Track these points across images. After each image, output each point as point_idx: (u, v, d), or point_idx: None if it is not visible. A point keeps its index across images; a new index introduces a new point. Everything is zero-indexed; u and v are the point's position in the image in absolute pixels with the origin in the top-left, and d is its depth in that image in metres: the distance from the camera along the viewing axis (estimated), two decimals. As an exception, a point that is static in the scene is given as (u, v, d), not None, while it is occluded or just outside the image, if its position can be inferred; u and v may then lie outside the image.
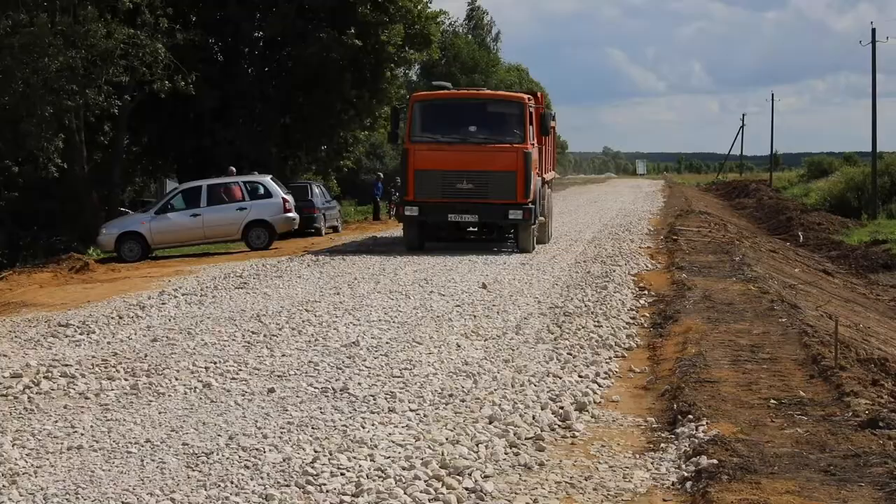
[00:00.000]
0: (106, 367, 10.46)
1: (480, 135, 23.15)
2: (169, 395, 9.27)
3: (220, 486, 6.73)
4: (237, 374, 10.12)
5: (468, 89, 29.32)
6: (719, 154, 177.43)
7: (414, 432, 7.96)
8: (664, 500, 6.63)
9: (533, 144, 23.55)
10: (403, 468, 7.03)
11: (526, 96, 24.29)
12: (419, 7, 39.57)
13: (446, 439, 7.74)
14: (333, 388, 9.42)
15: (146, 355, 11.09)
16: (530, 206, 22.88)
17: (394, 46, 38.15)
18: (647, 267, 19.64)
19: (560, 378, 9.95)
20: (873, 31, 52.37)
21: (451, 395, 9.23)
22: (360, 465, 7.07)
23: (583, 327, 12.81)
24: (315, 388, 9.51)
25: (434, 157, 22.99)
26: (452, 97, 24.86)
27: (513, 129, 23.18)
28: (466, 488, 6.66)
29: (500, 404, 8.87)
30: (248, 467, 7.10)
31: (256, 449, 7.50)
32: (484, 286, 16.64)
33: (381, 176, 46.05)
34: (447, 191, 22.92)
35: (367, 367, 10.38)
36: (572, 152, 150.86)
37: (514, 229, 23.90)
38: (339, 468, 7.02)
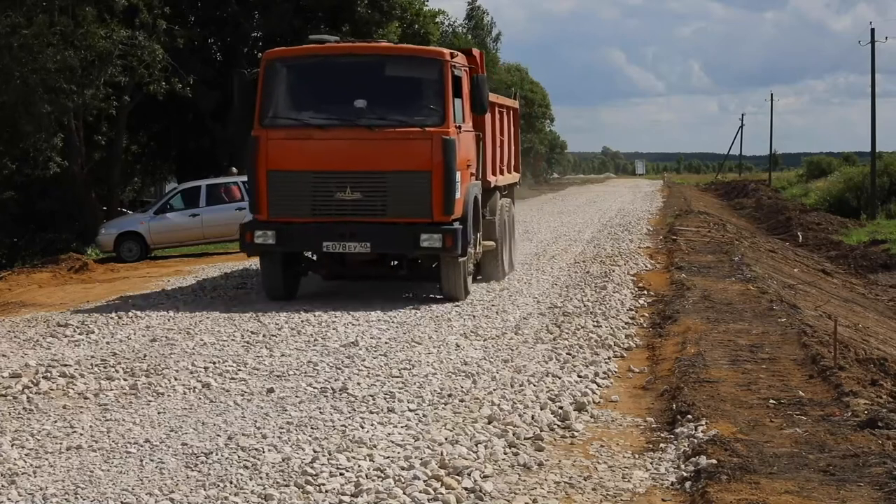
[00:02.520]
0: (105, 367, 10.46)
1: (373, 113, 14.64)
2: (168, 396, 9.27)
3: (219, 486, 6.72)
4: (236, 374, 10.11)
5: (355, 41, 17.51)
6: (718, 154, 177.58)
7: (413, 432, 7.96)
8: (663, 500, 6.63)
9: (460, 128, 14.89)
10: (402, 468, 7.03)
11: (447, 52, 15.37)
12: (417, 5, 39.57)
13: (445, 439, 7.74)
14: (332, 388, 9.42)
15: (145, 355, 11.09)
16: (456, 226, 14.44)
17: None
18: (646, 267, 19.64)
19: (559, 378, 9.95)
20: (872, 31, 52.45)
21: (450, 395, 9.23)
22: (359, 465, 7.07)
23: (582, 327, 12.81)
24: (314, 388, 9.50)
25: (298, 151, 14.67)
26: (329, 54, 15.34)
27: (426, 103, 14.72)
28: (465, 488, 6.66)
29: (499, 404, 8.87)
30: (247, 467, 7.10)
31: (256, 449, 7.49)
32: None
33: None
34: (321, 204, 14.58)
35: (366, 367, 10.38)
36: (571, 152, 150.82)
37: (436, 263, 15.24)
38: (338, 468, 7.02)
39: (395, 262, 15.65)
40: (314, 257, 15.89)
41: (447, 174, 14.35)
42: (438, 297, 15.27)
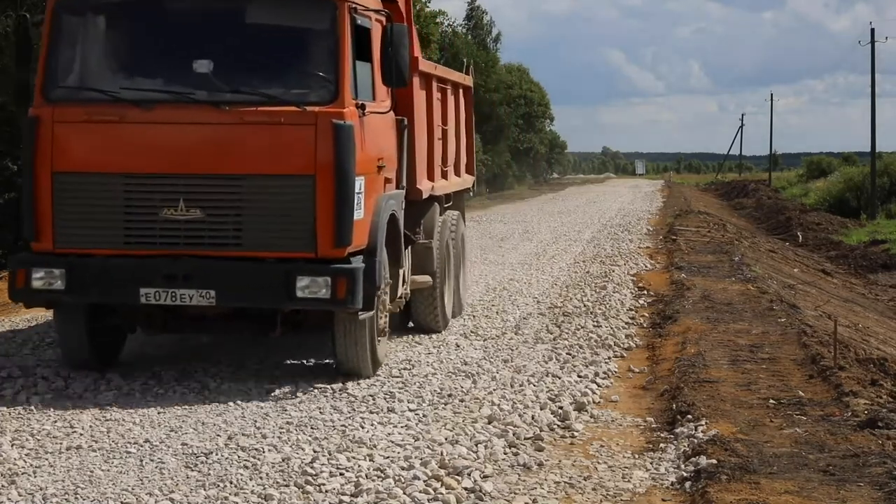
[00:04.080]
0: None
1: (223, 82, 9.39)
2: (168, 395, 9.26)
3: (219, 486, 6.72)
4: (236, 373, 10.10)
5: None
6: (718, 154, 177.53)
7: (413, 432, 7.97)
8: (663, 500, 6.63)
9: (364, 108, 9.51)
10: (402, 468, 7.03)
11: None
12: (418, 7, 39.59)
13: (445, 439, 7.74)
14: (332, 388, 9.41)
15: (145, 355, 11.07)
16: (355, 265, 9.26)
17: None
18: (646, 267, 19.64)
19: (559, 378, 9.95)
20: (872, 31, 52.45)
21: (450, 395, 9.23)
22: (359, 465, 7.07)
23: (582, 327, 12.82)
24: (314, 387, 9.50)
25: (103, 142, 9.43)
26: None
27: (308, 67, 9.51)
28: (465, 488, 6.66)
29: (499, 404, 8.88)
30: (247, 467, 7.10)
31: (255, 449, 7.49)
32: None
33: None
34: (137, 228, 9.39)
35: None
36: (571, 152, 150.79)
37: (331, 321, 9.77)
38: (338, 468, 7.02)
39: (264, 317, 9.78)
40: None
41: (341, 181, 8.94)
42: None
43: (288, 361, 10.69)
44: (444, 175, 13.15)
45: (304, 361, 10.65)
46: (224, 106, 9.17)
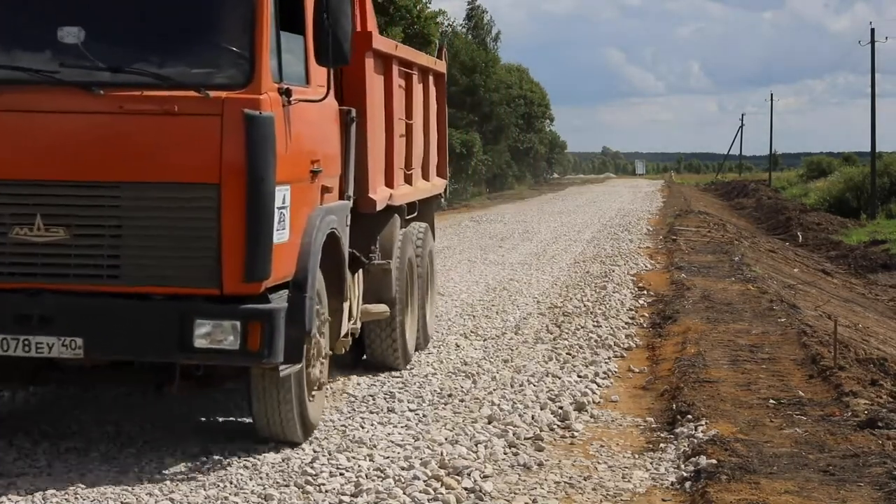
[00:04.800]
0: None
1: (97, 58, 6.93)
2: (168, 395, 9.24)
3: (219, 486, 6.72)
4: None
5: None
6: (718, 154, 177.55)
7: (413, 432, 7.97)
8: (663, 500, 6.63)
9: (290, 94, 7.07)
10: (402, 468, 7.03)
11: None
12: (419, 7, 39.58)
13: (445, 439, 7.75)
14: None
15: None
16: (274, 305, 6.92)
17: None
18: (646, 267, 19.65)
19: (559, 378, 9.95)
20: (872, 31, 52.43)
21: (450, 395, 9.24)
22: (359, 466, 7.08)
23: (582, 327, 12.82)
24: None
25: None
26: None
27: (212, 39, 7.10)
28: (465, 488, 6.66)
29: (499, 404, 8.88)
30: (247, 467, 7.09)
31: (255, 449, 7.48)
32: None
33: None
34: None
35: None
36: (571, 152, 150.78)
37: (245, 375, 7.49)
38: (338, 468, 7.02)
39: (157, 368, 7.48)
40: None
41: (256, 191, 6.68)
42: (441, 293, 14.66)
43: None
44: (408, 180, 10.77)
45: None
46: (97, 89, 6.76)
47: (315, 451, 7.43)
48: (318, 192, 7.68)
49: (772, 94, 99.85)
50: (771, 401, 8.67)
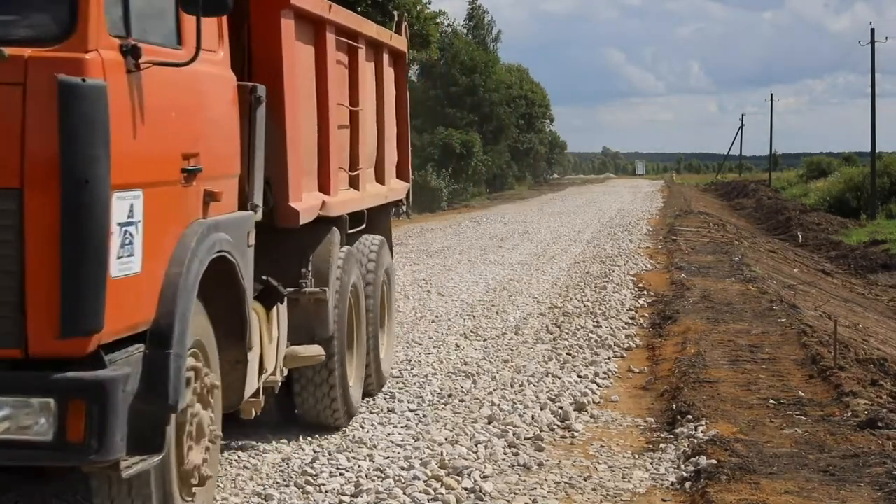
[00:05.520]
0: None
1: None
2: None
3: (218, 486, 6.72)
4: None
5: None
6: (718, 154, 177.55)
7: (413, 432, 7.97)
8: (663, 501, 6.63)
9: (135, 52, 4.66)
10: (402, 468, 7.03)
11: None
12: (419, 7, 39.59)
13: (445, 439, 7.75)
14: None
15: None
16: (102, 378, 4.50)
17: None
18: (646, 267, 19.65)
19: (559, 378, 9.95)
20: (872, 31, 52.40)
21: (450, 396, 9.24)
22: (359, 466, 7.08)
23: (582, 327, 12.82)
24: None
25: None
26: None
27: None
28: (465, 488, 6.66)
29: (499, 404, 8.88)
30: (247, 468, 7.09)
31: (256, 449, 7.49)
32: None
33: None
34: None
35: (366, 367, 10.36)
36: (571, 152, 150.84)
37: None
38: (338, 468, 7.02)
39: None
40: None
41: (79, 198, 4.42)
42: (441, 293, 14.96)
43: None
44: (355, 183, 8.67)
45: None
46: None
47: (315, 451, 7.43)
48: (196, 201, 5.32)
49: (772, 94, 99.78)
50: (771, 401, 8.67)
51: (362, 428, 8.08)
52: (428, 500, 6.46)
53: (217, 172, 5.61)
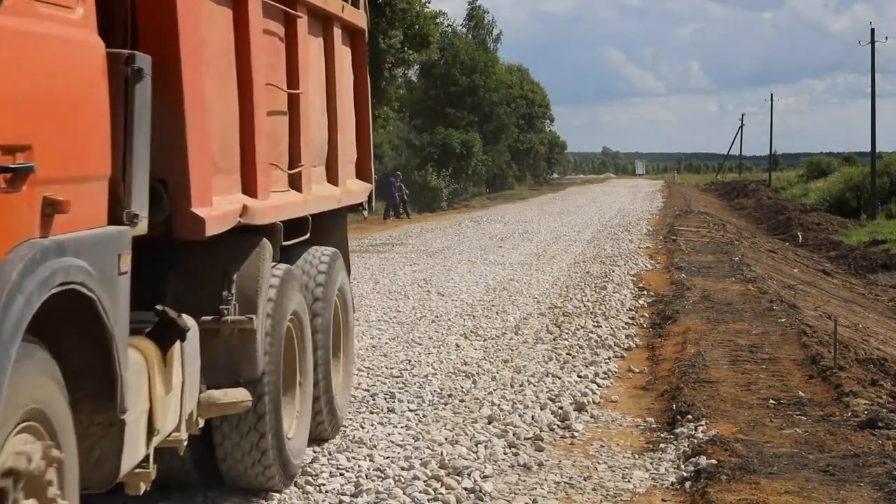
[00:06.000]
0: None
1: None
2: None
3: (219, 486, 6.71)
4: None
5: None
6: (718, 154, 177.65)
7: (413, 432, 7.96)
8: (663, 501, 6.63)
9: None
10: (402, 468, 7.03)
11: None
12: (418, 8, 39.59)
13: (445, 439, 7.74)
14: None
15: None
16: None
17: (393, 48, 38.17)
18: (646, 267, 19.65)
19: (559, 378, 9.95)
20: (872, 31, 52.43)
21: (450, 396, 9.23)
22: (359, 466, 7.07)
23: (582, 327, 12.82)
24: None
25: None
26: None
27: None
28: (465, 488, 6.66)
29: (499, 404, 8.88)
30: (247, 467, 7.07)
31: (255, 449, 7.47)
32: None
33: (401, 175, 45.42)
34: None
35: (366, 367, 10.38)
36: (571, 152, 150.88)
37: None
38: (338, 468, 7.02)
39: None
40: None
41: None
42: (441, 293, 14.89)
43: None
44: (296, 183, 7.03)
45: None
46: None
47: (315, 452, 7.42)
48: (28, 213, 3.84)
49: (772, 94, 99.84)
50: (771, 401, 8.67)
51: (362, 428, 8.08)
52: (428, 500, 6.46)
53: (65, 173, 4.06)
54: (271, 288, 6.17)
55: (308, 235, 7.19)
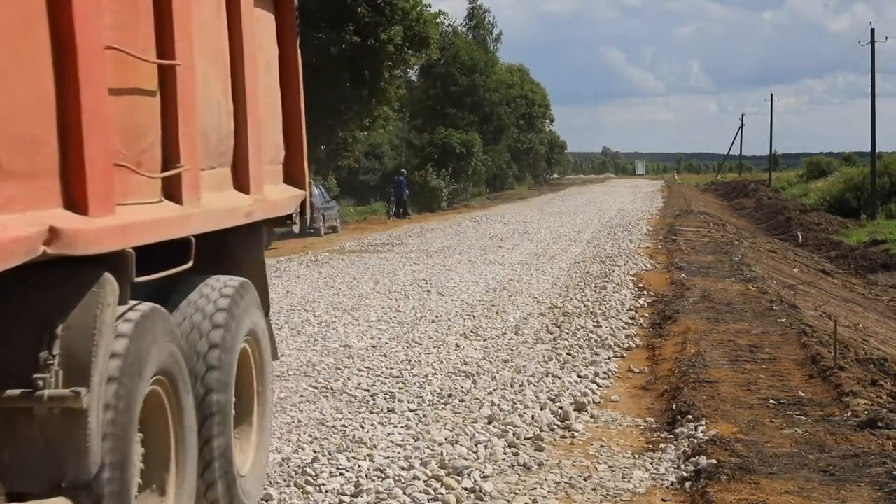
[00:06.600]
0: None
1: None
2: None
3: (219, 486, 6.71)
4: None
5: None
6: (718, 154, 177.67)
7: (413, 432, 7.96)
8: (663, 501, 6.63)
9: None
10: (402, 468, 7.03)
11: None
12: (417, 9, 39.60)
13: (445, 439, 7.74)
14: (332, 389, 9.41)
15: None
16: None
17: (394, 46, 38.18)
18: (646, 267, 19.65)
19: (559, 378, 9.95)
20: (872, 31, 52.42)
21: (450, 396, 9.23)
22: (359, 466, 7.07)
23: (582, 327, 12.82)
24: (314, 388, 9.50)
25: None
26: None
27: None
28: (465, 488, 6.66)
29: (499, 404, 8.87)
30: (247, 467, 7.08)
31: (255, 449, 7.48)
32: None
33: (405, 172, 45.34)
34: None
35: (366, 367, 10.38)
36: (571, 152, 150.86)
37: None
38: (338, 468, 7.02)
39: None
40: None
41: None
42: (441, 293, 14.85)
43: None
44: (171, 191, 4.93)
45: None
46: None
47: (315, 452, 7.43)
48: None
49: (772, 94, 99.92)
50: (771, 401, 8.67)
51: (362, 428, 8.08)
52: (428, 500, 6.46)
53: None
54: (119, 339, 4.19)
55: (190, 263, 5.04)
